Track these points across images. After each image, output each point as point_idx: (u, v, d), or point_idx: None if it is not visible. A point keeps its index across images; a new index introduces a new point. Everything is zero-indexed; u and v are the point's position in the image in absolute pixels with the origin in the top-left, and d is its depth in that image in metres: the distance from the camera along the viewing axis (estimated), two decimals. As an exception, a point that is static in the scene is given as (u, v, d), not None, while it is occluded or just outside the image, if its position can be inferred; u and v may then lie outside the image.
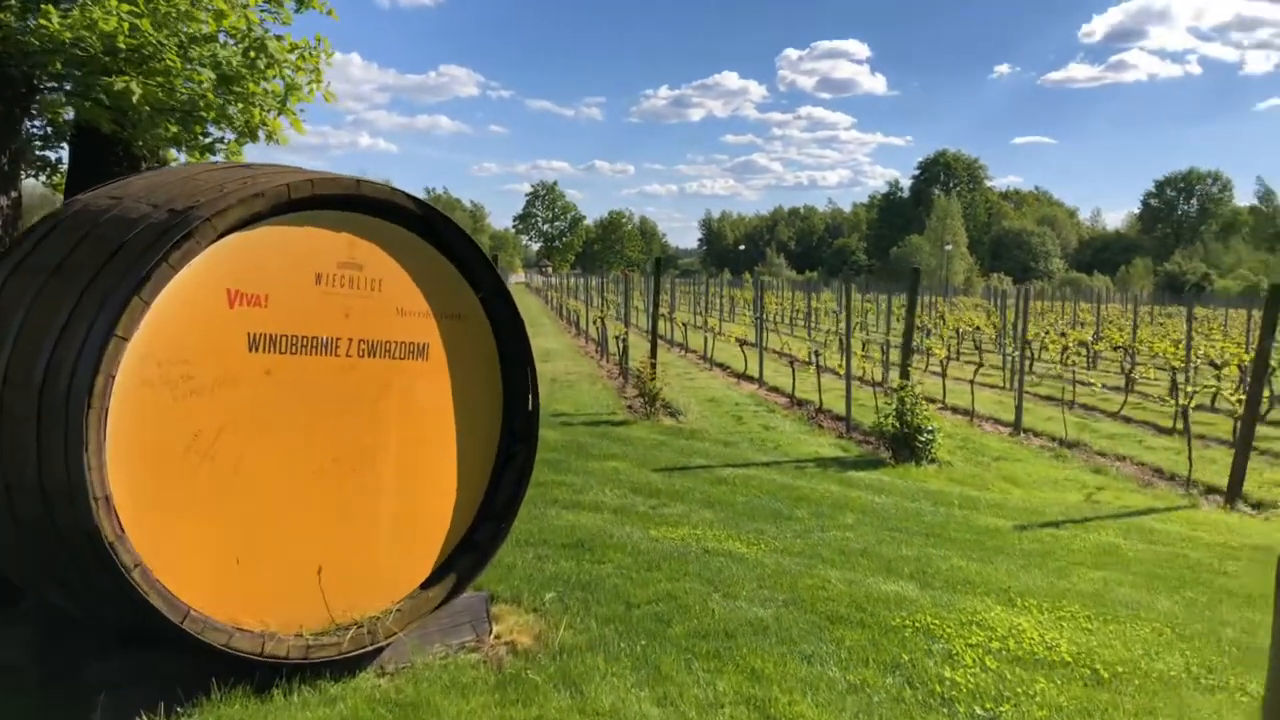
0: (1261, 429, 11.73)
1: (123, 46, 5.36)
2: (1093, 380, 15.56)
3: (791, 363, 14.22)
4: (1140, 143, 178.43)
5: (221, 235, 3.29)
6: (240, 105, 6.13)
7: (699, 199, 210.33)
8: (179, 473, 3.24)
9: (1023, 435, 11.48)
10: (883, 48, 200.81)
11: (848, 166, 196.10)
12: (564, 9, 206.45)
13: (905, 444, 9.30)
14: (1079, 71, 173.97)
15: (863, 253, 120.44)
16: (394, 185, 3.86)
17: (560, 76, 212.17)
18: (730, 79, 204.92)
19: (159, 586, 3.17)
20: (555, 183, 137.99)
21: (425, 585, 4.01)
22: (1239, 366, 13.87)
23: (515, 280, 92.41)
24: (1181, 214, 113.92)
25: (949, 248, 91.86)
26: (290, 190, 3.44)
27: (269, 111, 6.25)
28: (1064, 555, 6.15)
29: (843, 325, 27.02)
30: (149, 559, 3.17)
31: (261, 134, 6.28)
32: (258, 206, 3.35)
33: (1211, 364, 13.84)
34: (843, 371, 12.01)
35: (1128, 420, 13.02)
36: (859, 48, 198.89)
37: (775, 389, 15.17)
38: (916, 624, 4.65)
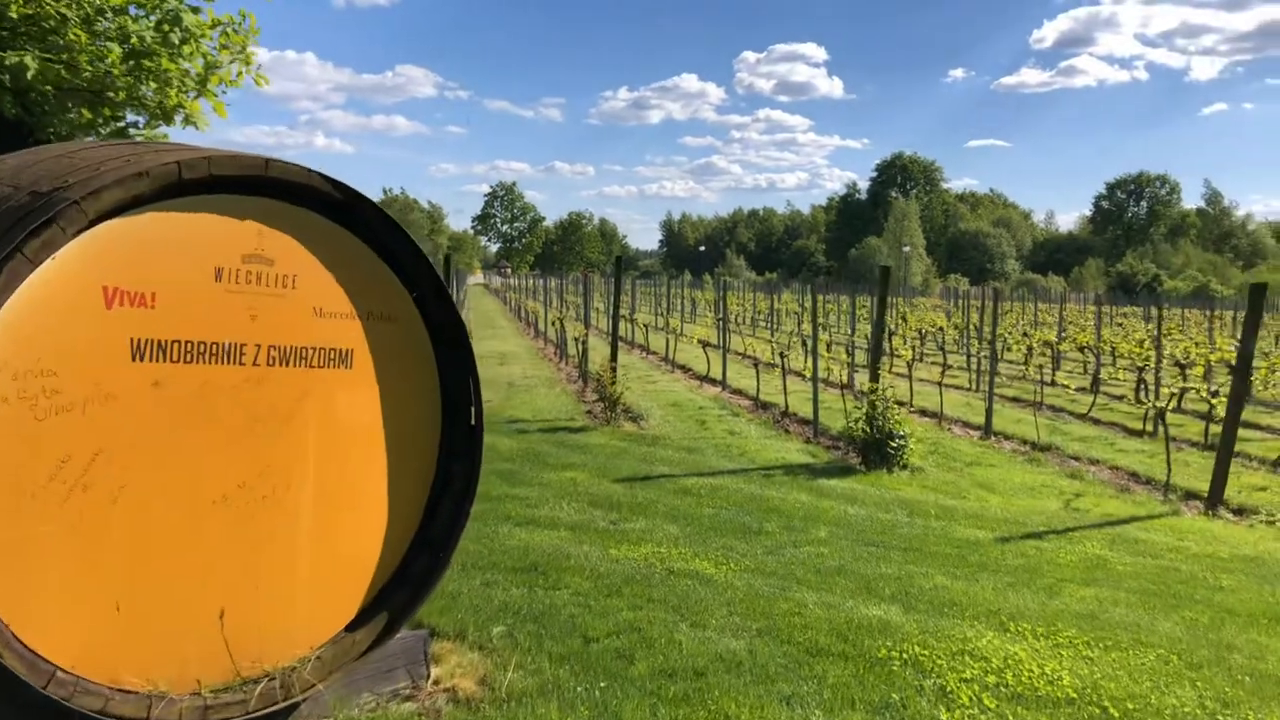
0: (1221, 429, 11.57)
1: (15, 16, 4.76)
2: (1066, 382, 15.38)
3: (755, 365, 13.81)
4: (1091, 146, 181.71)
5: (95, 222, 2.75)
6: (154, 85, 5.53)
7: (659, 200, 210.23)
8: (42, 506, 2.69)
9: (993, 438, 11.18)
10: (839, 51, 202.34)
11: (806, 169, 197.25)
12: (522, 10, 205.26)
13: (876, 450, 8.91)
14: (1031, 76, 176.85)
15: (821, 254, 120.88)
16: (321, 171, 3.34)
17: (519, 77, 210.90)
18: (689, 81, 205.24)
19: (16, 645, 2.63)
20: (514, 183, 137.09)
21: (351, 627, 3.49)
22: (1205, 367, 13.74)
23: (474, 281, 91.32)
24: (1132, 216, 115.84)
25: (907, 249, 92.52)
26: (182, 169, 2.91)
27: (187, 93, 5.66)
28: (1051, 570, 5.78)
29: (805, 326, 26.73)
30: (4, 611, 2.63)
31: (179, 118, 5.69)
32: (140, 188, 2.81)
33: (1178, 364, 13.68)
34: (808, 374, 11.62)
35: (1096, 422, 12.80)
36: (816, 51, 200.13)
37: (739, 391, 14.76)
38: (904, 655, 4.22)
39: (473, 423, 3.83)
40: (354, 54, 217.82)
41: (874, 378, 9.59)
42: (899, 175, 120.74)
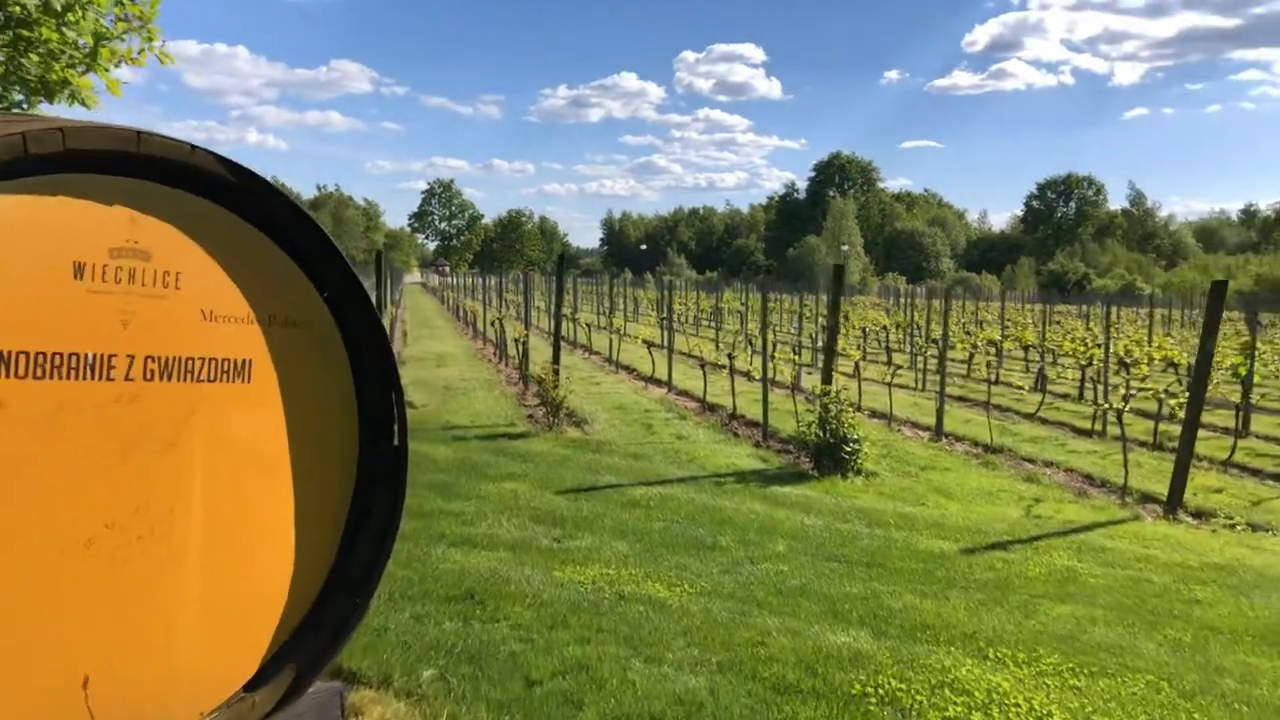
0: (1171, 428, 11.54)
1: None
2: (1020, 383, 15.31)
3: (702, 365, 13.44)
4: (1021, 147, 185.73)
5: (-88, 205, 2.21)
6: (36, 58, 4.90)
7: (599, 199, 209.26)
8: None
9: (945, 440, 10.96)
10: (777, 52, 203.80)
11: (745, 169, 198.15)
12: (460, 6, 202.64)
13: (830, 455, 8.58)
14: (963, 79, 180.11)
15: (761, 253, 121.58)
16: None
17: (457, 74, 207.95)
18: (629, 80, 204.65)
19: None
20: (452, 181, 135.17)
21: (250, 686, 2.97)
22: (1148, 364, 13.77)
23: (411, 280, 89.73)
24: (1061, 216, 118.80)
25: (845, 248, 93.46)
26: (28, 142, 2.36)
27: (75, 67, 5.03)
28: (1022, 585, 5.47)
29: (751, 325, 26.49)
30: None
31: (65, 94, 5.07)
32: (-31, 164, 2.27)
33: (1121, 362, 13.67)
34: (756, 374, 11.28)
35: (1044, 421, 12.70)
36: (754, 51, 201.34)
37: (685, 393, 14.37)
38: (880, 690, 3.83)
39: (396, 443, 3.34)
40: (287, 48, 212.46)
41: (827, 380, 9.26)
42: (837, 175, 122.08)
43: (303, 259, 3.06)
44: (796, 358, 14.30)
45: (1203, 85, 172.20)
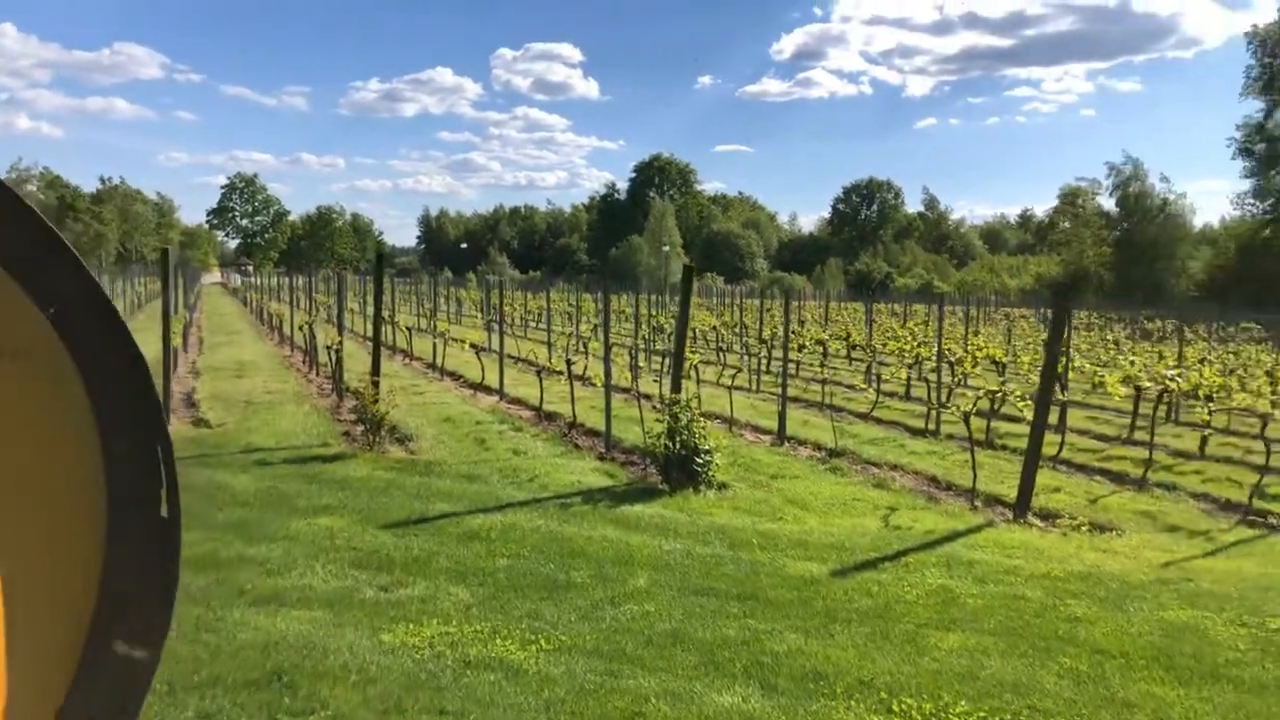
0: (1000, 425, 11.86)
1: None
2: (846, 381, 15.38)
3: (539, 372, 12.65)
4: (827, 152, 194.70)
5: None
6: None
7: (415, 196, 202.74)
8: None
9: (788, 444, 10.72)
10: (595, 53, 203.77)
11: (565, 168, 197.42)
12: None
13: (681, 467, 8.05)
14: (772, 86, 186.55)
15: (585, 253, 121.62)
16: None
17: (258, 62, 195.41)
18: (444, 75, 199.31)
19: None
20: (255, 175, 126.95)
21: None
22: (971, 364, 14.18)
23: (210, 280, 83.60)
24: (864, 218, 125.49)
25: (666, 249, 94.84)
26: None
27: None
28: (903, 612, 5.08)
29: (583, 327, 25.89)
30: None
31: None
32: None
33: (948, 362, 14.00)
34: (597, 382, 10.64)
35: (879, 421, 12.77)
36: (572, 51, 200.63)
37: (519, 401, 13.55)
38: (786, 771, 3.25)
39: (164, 514, 2.42)
40: (63, 27, 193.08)
41: (676, 387, 8.74)
42: (656, 176, 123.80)
43: (20, 267, 2.11)
44: (631, 360, 13.78)
45: (983, 99, 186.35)
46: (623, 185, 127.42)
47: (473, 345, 15.54)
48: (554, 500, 7.53)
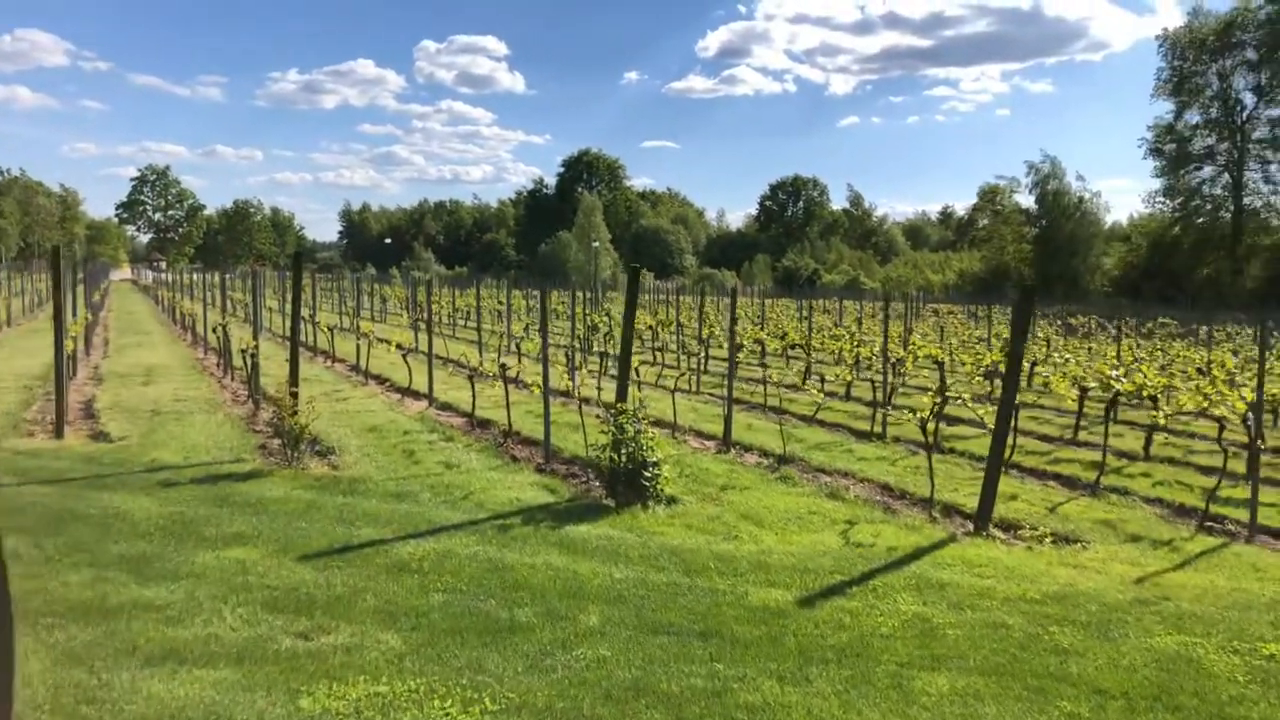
0: (948, 428, 11.65)
1: None
2: (788, 381, 15.04)
3: (471, 376, 11.98)
4: (752, 149, 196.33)
5: None
6: None
7: (337, 189, 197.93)
8: None
9: (734, 451, 10.30)
10: (520, 47, 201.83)
11: (491, 162, 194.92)
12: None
13: (629, 482, 7.55)
14: (697, 83, 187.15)
15: (512, 248, 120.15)
16: None
17: (170, 50, 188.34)
18: (366, 67, 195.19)
19: None
20: (168, 167, 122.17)
21: None
22: (913, 362, 14.00)
23: (120, 277, 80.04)
24: (791, 215, 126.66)
25: (596, 244, 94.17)
26: None
27: None
28: (882, 649, 4.66)
29: (515, 326, 25.13)
30: None
31: None
32: None
33: (890, 362, 13.77)
34: (536, 389, 10.06)
35: (822, 424, 12.46)
36: (497, 45, 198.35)
37: (449, 407, 12.88)
38: None
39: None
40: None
41: (622, 395, 8.22)
42: (585, 171, 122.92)
43: None
44: (568, 362, 13.21)
45: (903, 98, 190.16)
46: (551, 180, 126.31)
47: (399, 346, 14.78)
48: (492, 521, 6.95)
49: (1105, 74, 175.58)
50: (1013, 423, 11.79)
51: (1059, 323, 30.04)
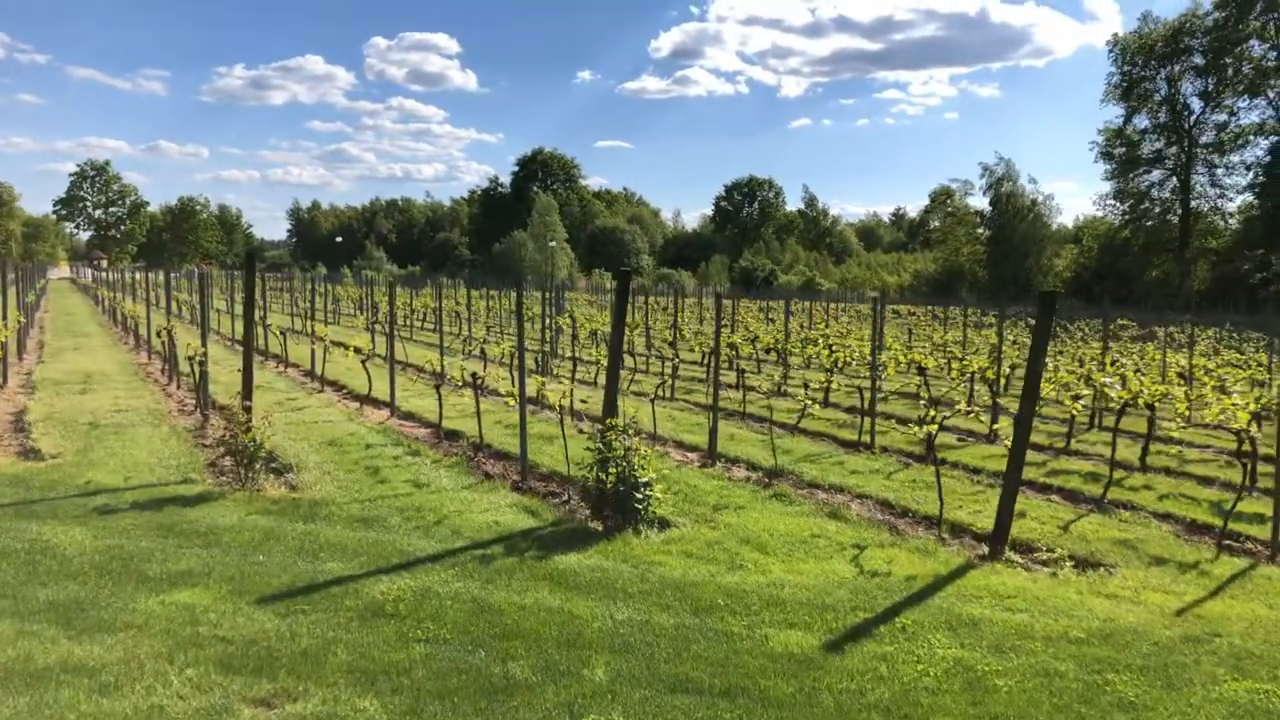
0: (941, 435, 11.23)
1: None
2: (763, 388, 14.54)
3: (438, 385, 11.25)
4: (706, 150, 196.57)
5: None
6: None
7: (285, 187, 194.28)
8: None
9: (720, 464, 9.75)
10: (472, 45, 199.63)
11: (443, 160, 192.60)
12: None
13: (619, 505, 6.95)
14: (650, 83, 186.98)
15: (465, 247, 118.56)
16: None
17: (110, 43, 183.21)
18: (315, 63, 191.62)
19: None
20: (108, 162, 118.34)
21: None
22: (896, 367, 13.57)
23: (58, 275, 77.18)
24: (746, 215, 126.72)
25: (552, 244, 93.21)
26: None
27: None
28: (931, 708, 4.12)
29: (476, 329, 24.35)
30: None
31: None
32: None
33: (872, 365, 13.33)
34: (509, 397, 9.39)
35: (806, 433, 11.96)
36: (449, 42, 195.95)
37: (411, 415, 12.15)
38: None
39: None
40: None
41: (611, 409, 7.61)
42: (540, 170, 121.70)
43: None
44: (538, 366, 12.55)
45: (853, 101, 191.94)
46: (505, 179, 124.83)
47: (358, 351, 14.01)
48: (471, 551, 6.30)
49: (1049, 79, 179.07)
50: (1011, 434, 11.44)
51: (1021, 324, 30.00)
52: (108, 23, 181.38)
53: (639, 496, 6.93)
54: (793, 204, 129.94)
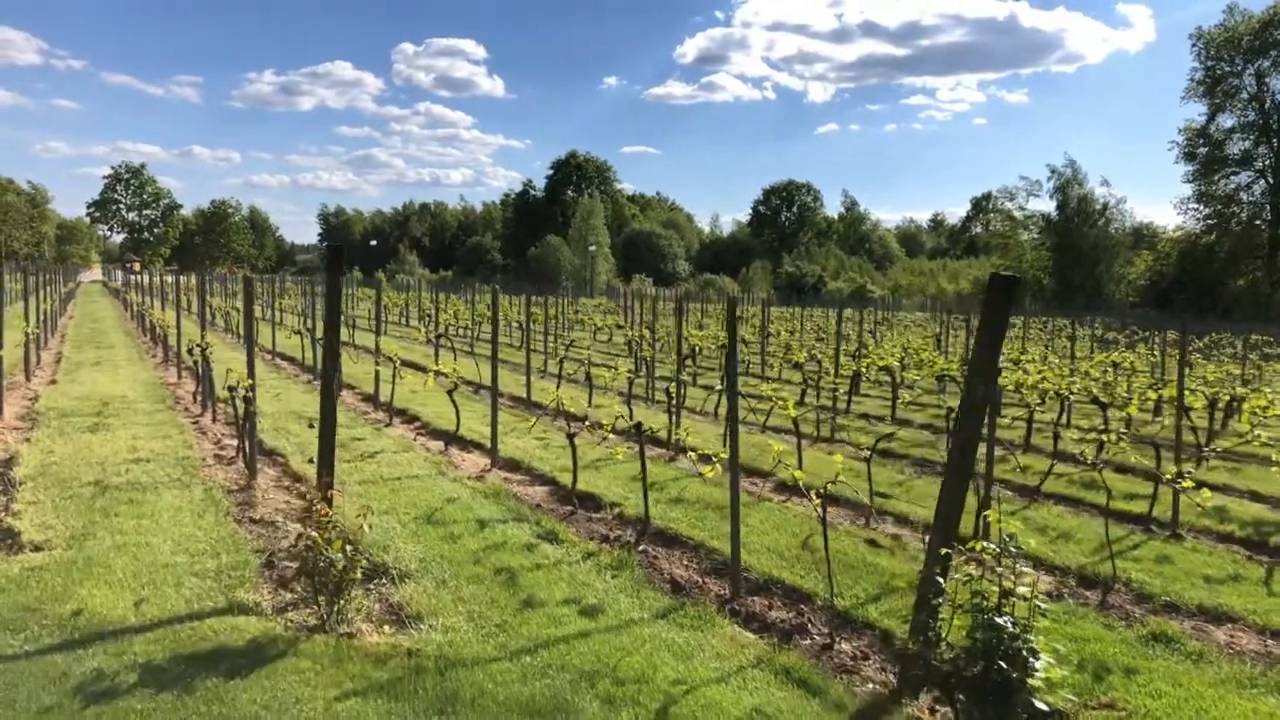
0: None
1: None
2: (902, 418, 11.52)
3: (571, 435, 8.18)
4: (733, 156, 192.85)
5: None
6: None
7: (314, 192, 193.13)
8: None
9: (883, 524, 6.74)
10: (499, 51, 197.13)
11: (470, 166, 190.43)
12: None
13: (992, 698, 3.95)
14: (677, 89, 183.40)
15: (498, 251, 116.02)
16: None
17: (144, 50, 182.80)
18: (344, 69, 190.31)
19: None
20: (143, 166, 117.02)
21: None
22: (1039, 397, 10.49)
23: (89, 278, 75.35)
24: (785, 220, 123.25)
25: (593, 249, 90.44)
26: None
27: None
28: None
29: (555, 343, 21.25)
30: None
31: None
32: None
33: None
34: (704, 454, 6.45)
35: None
36: (476, 48, 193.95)
37: (515, 464, 9.25)
38: None
39: None
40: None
41: (957, 518, 4.60)
42: (574, 174, 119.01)
43: None
44: (639, 391, 9.61)
45: (880, 106, 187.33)
46: (539, 183, 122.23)
47: (440, 376, 11.14)
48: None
49: (1080, 85, 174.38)
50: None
51: (1097, 335, 26.66)
52: (141, 30, 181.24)
53: (1027, 686, 3.91)
54: (830, 209, 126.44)
